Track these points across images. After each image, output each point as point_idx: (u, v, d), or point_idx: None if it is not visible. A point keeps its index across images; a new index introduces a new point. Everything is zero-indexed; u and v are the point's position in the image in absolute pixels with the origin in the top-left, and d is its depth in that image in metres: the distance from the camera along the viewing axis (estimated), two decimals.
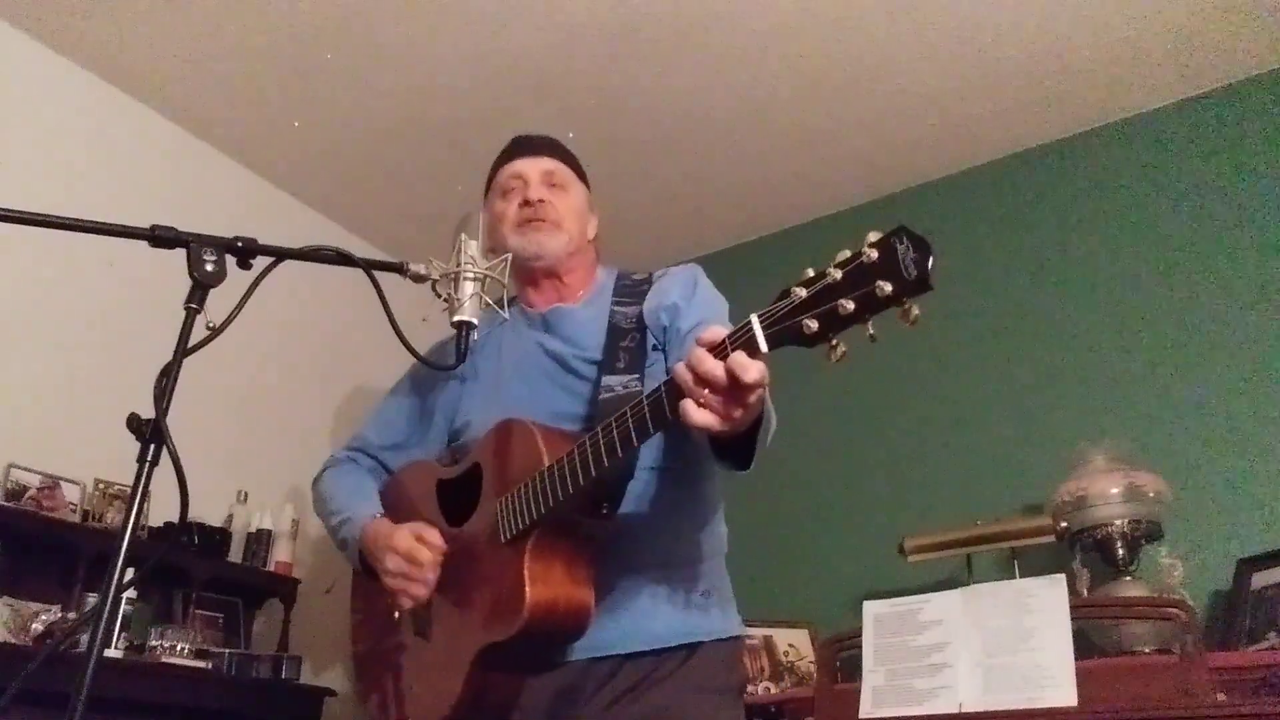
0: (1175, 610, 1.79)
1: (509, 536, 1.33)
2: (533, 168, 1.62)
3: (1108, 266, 2.79)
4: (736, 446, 1.17)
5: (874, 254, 0.91)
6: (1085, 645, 1.98)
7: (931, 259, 0.88)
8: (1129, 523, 2.23)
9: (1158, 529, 2.26)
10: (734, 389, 1.00)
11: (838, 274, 0.93)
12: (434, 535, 1.45)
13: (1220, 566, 2.28)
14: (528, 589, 1.26)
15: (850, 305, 0.91)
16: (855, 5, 2.55)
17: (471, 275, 1.35)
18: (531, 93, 2.90)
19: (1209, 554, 2.31)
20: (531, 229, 1.57)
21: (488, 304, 1.38)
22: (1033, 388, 2.79)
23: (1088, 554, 2.30)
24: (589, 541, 1.34)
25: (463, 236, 1.38)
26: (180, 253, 1.15)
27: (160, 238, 1.15)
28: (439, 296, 1.37)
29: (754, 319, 0.99)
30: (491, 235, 1.62)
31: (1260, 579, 2.16)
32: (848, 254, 0.93)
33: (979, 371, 2.91)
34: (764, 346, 0.98)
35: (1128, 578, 2.22)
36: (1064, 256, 2.88)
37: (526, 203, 1.59)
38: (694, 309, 1.48)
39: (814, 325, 0.94)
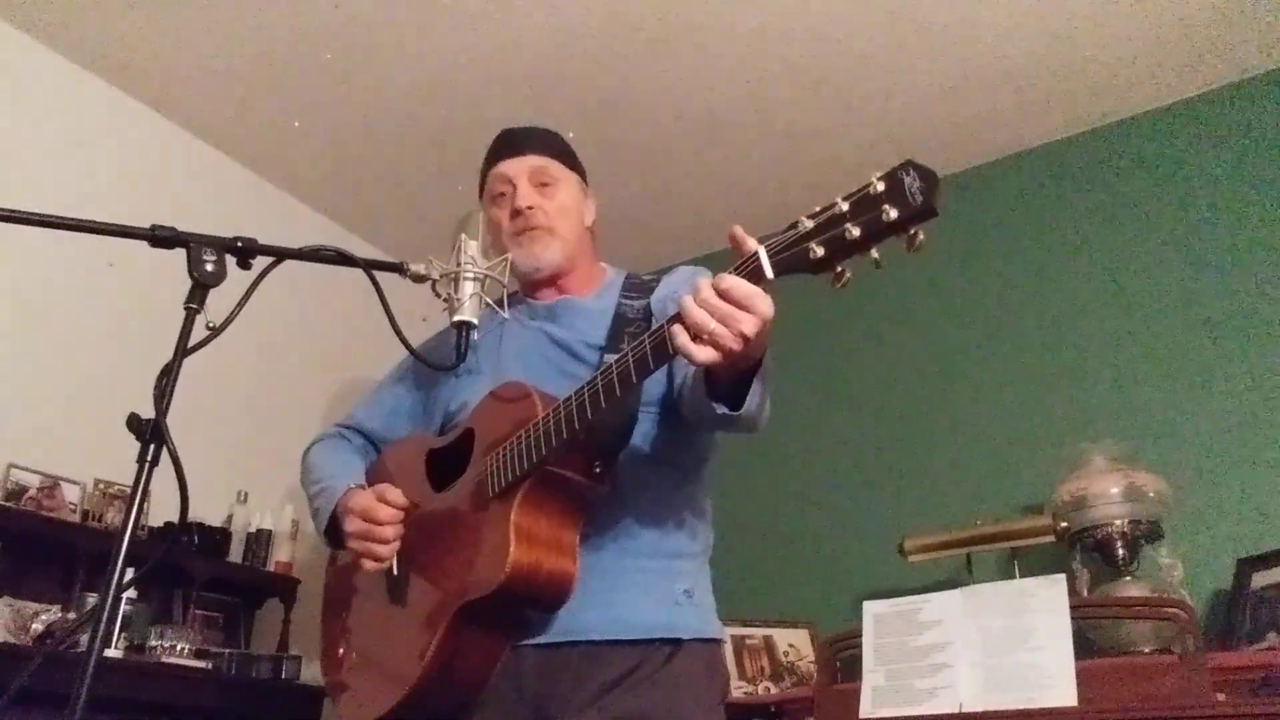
0: (1175, 610, 1.79)
1: (497, 490, 1.31)
2: (519, 169, 1.59)
3: (1108, 266, 2.79)
4: (731, 386, 1.17)
5: (881, 185, 0.94)
6: (1085, 645, 1.98)
7: (938, 188, 0.91)
8: (1129, 523, 2.23)
9: (1158, 529, 2.25)
10: (727, 309, 1.03)
11: (845, 205, 0.96)
12: (395, 494, 1.43)
13: (1220, 566, 2.28)
14: (512, 543, 1.24)
15: (856, 231, 0.94)
16: (854, 5, 2.55)
17: (471, 275, 1.35)
18: (531, 93, 2.90)
19: (1209, 554, 2.31)
20: (526, 240, 1.56)
21: (488, 304, 1.38)
22: (1033, 387, 2.79)
23: (1088, 554, 2.30)
24: (578, 505, 1.32)
25: (463, 236, 1.38)
26: (180, 253, 1.15)
27: (160, 238, 1.15)
28: (439, 296, 1.37)
29: (760, 248, 1.02)
30: (493, 237, 1.61)
31: (1260, 579, 2.16)
32: (855, 188, 0.96)
33: (979, 371, 2.91)
34: (770, 273, 1.01)
35: (1128, 578, 2.22)
36: (1063, 256, 2.88)
37: (516, 212, 1.57)
38: None
39: (820, 251, 0.96)
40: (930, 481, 2.85)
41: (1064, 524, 2.25)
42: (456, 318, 1.35)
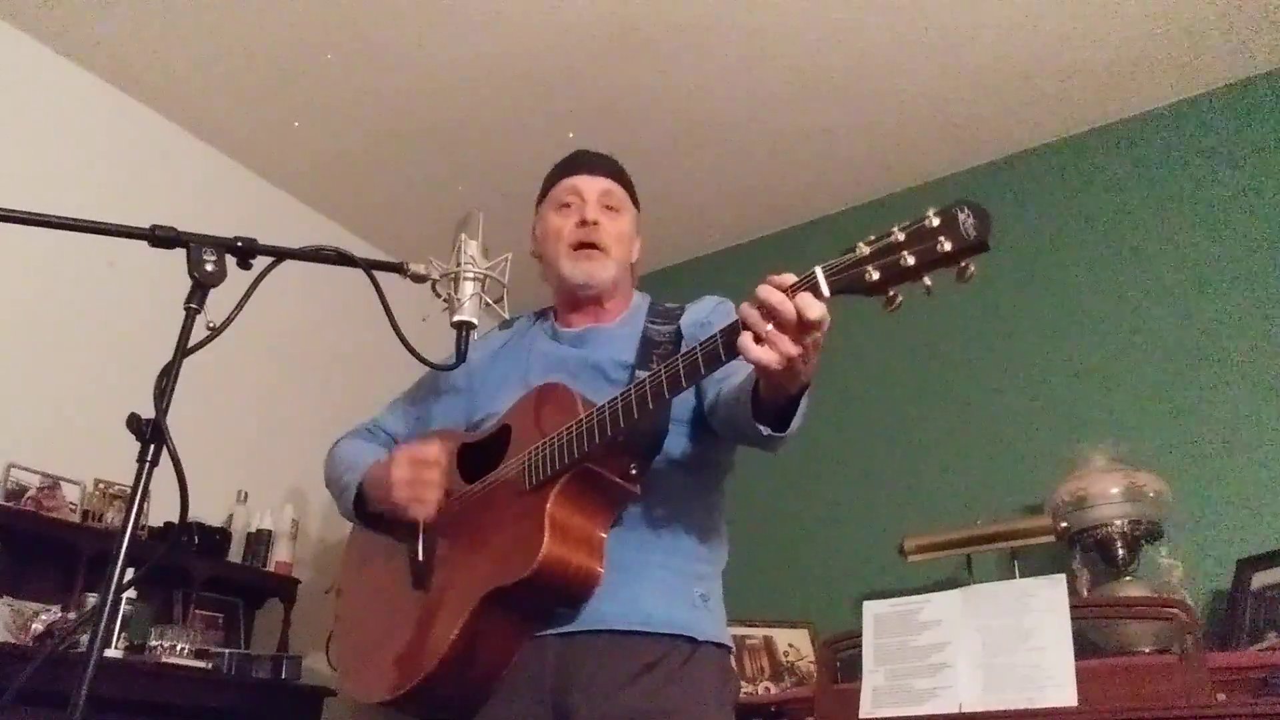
0: (1175, 610, 1.79)
1: (534, 482, 1.33)
2: (591, 186, 1.63)
3: (1107, 266, 2.79)
4: (778, 409, 1.21)
5: (936, 220, 0.99)
6: (1085, 645, 1.98)
7: (990, 225, 0.97)
8: (1129, 523, 2.23)
9: (1158, 529, 2.25)
10: (797, 328, 1.06)
11: (900, 234, 1.02)
12: (434, 446, 1.46)
13: (1220, 566, 2.28)
14: (546, 534, 1.27)
15: (911, 259, 1.00)
16: (855, 6, 2.55)
17: (471, 275, 1.36)
18: (531, 93, 2.90)
19: (1209, 554, 2.31)
20: (583, 257, 1.58)
21: (488, 304, 1.38)
22: (1033, 388, 2.79)
23: (1088, 554, 2.30)
24: (610, 506, 1.35)
25: (463, 236, 1.38)
26: (180, 253, 1.15)
27: (160, 238, 1.15)
28: (439, 296, 1.37)
29: (818, 268, 1.06)
30: (542, 246, 1.65)
31: (1260, 579, 2.16)
32: (909, 220, 1.02)
33: (979, 371, 2.91)
34: (826, 291, 1.05)
35: (1128, 578, 2.22)
36: (1063, 256, 2.88)
37: (583, 222, 1.60)
38: None
39: (876, 275, 1.02)
40: (930, 481, 2.85)
41: (1064, 524, 2.25)
42: (456, 318, 1.35)
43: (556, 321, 1.67)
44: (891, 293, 1.02)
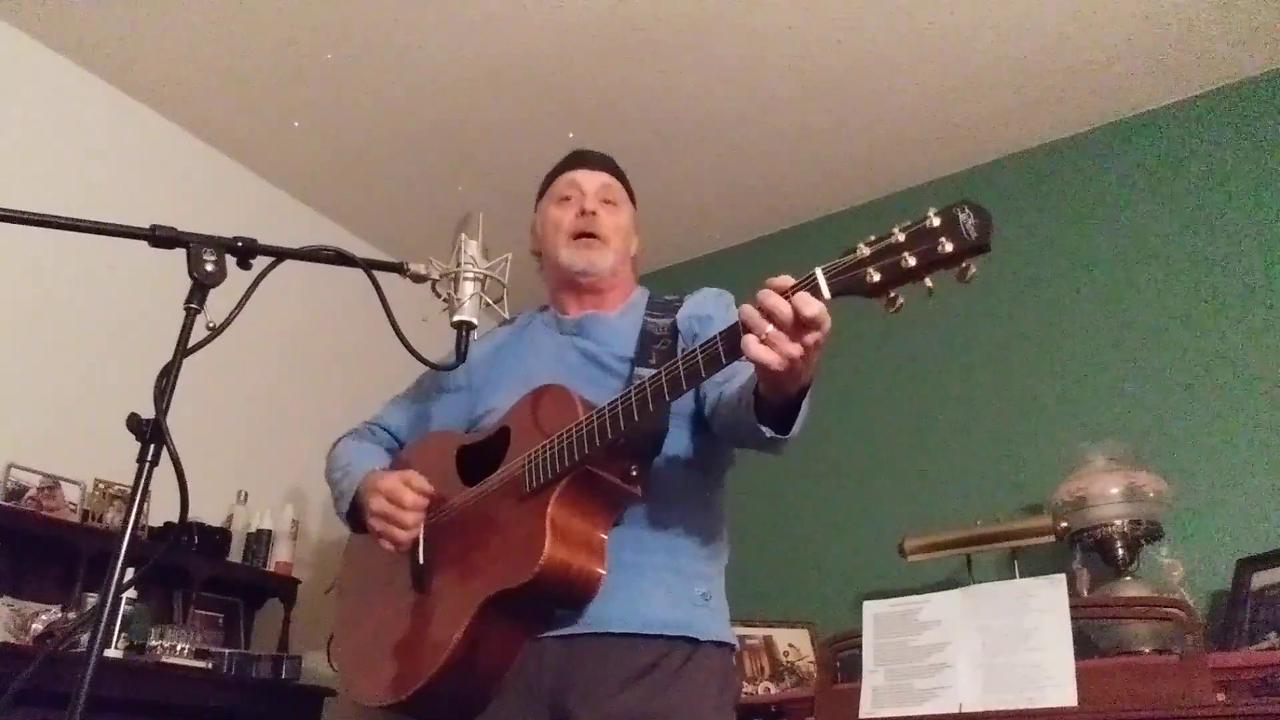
0: (1175, 610, 1.79)
1: (534, 485, 1.33)
2: (590, 180, 1.67)
3: (1107, 266, 2.79)
4: (779, 410, 1.21)
5: (937, 220, 0.98)
6: (1085, 645, 1.98)
7: (992, 225, 0.96)
8: (1129, 523, 2.23)
9: (1158, 529, 2.25)
10: (795, 327, 1.06)
11: (901, 235, 1.01)
12: (421, 480, 1.46)
13: (1220, 566, 2.28)
14: (547, 538, 1.27)
15: (912, 260, 0.99)
16: (854, 5, 2.55)
17: (471, 275, 1.36)
18: (531, 93, 2.90)
19: (1209, 554, 2.31)
20: (583, 245, 1.61)
21: (488, 304, 1.38)
22: (1033, 388, 2.79)
23: (1088, 554, 2.30)
24: (610, 508, 1.36)
25: (463, 236, 1.38)
26: (180, 253, 1.15)
27: (160, 238, 1.15)
28: (439, 296, 1.37)
29: (818, 270, 1.06)
30: (541, 239, 1.67)
31: (1260, 579, 2.16)
32: (910, 221, 1.01)
33: (979, 371, 2.91)
34: (827, 293, 1.05)
35: (1128, 578, 2.22)
36: (1063, 256, 2.88)
37: (583, 212, 1.63)
38: (726, 324, 1.51)
39: (876, 277, 1.01)
40: (930, 481, 2.85)
41: (1064, 524, 2.25)
42: (456, 318, 1.35)
43: (555, 310, 1.68)
44: (892, 294, 1.01)
